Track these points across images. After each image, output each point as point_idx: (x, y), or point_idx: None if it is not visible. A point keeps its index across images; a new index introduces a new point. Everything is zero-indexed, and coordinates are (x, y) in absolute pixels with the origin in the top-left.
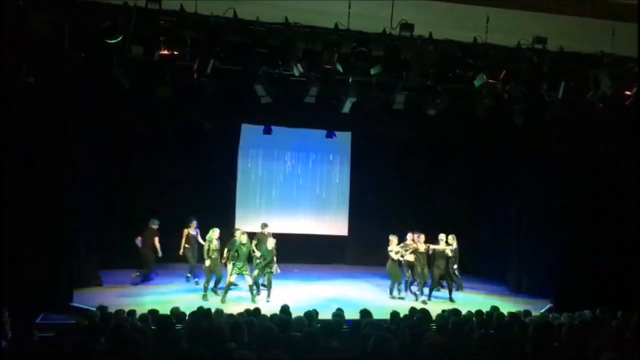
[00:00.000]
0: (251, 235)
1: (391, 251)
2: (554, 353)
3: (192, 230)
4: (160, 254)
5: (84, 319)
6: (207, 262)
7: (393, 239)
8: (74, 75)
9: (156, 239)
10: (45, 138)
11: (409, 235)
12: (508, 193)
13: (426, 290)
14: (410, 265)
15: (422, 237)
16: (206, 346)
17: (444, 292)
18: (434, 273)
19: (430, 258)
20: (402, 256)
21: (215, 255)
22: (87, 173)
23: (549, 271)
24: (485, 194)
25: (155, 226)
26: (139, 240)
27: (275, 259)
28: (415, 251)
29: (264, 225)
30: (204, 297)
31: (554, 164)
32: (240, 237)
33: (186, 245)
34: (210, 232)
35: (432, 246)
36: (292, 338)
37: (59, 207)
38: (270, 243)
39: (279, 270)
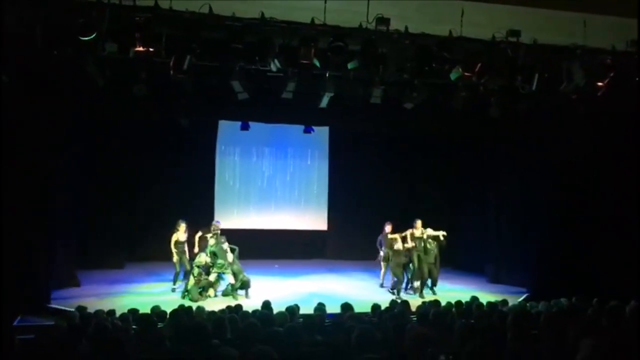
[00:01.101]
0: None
1: (398, 249)
2: (533, 340)
3: (182, 234)
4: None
5: (63, 320)
6: (175, 256)
7: (397, 237)
8: (48, 73)
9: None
10: (21, 137)
11: (387, 227)
12: (486, 185)
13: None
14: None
15: (419, 222)
16: (189, 344)
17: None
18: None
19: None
20: (404, 243)
21: (181, 248)
22: (63, 172)
23: (527, 261)
24: (463, 187)
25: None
26: None
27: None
28: (411, 236)
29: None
30: (174, 290)
31: (532, 155)
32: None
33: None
34: (177, 225)
35: (429, 232)
36: (275, 333)
37: (36, 207)
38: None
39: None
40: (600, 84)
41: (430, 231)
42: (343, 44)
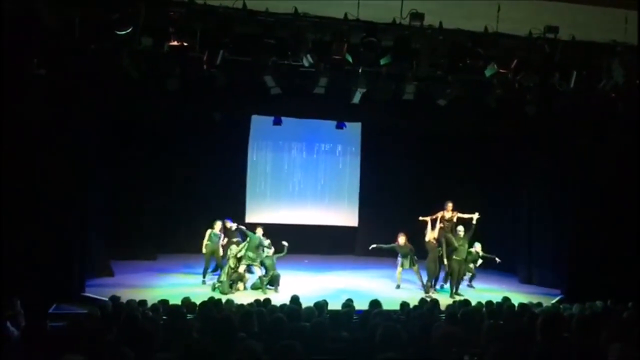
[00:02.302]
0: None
1: (428, 241)
2: (564, 343)
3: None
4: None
5: (96, 309)
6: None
7: (428, 219)
8: (84, 67)
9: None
10: (56, 130)
11: (401, 238)
12: (519, 184)
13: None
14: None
15: (450, 204)
16: (216, 336)
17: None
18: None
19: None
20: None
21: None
22: (97, 165)
23: (560, 262)
24: (495, 185)
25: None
26: None
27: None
28: (442, 218)
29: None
30: (204, 282)
31: (567, 154)
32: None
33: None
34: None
35: (459, 215)
36: (301, 328)
37: (70, 199)
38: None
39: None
40: None
41: (460, 215)
42: (376, 40)
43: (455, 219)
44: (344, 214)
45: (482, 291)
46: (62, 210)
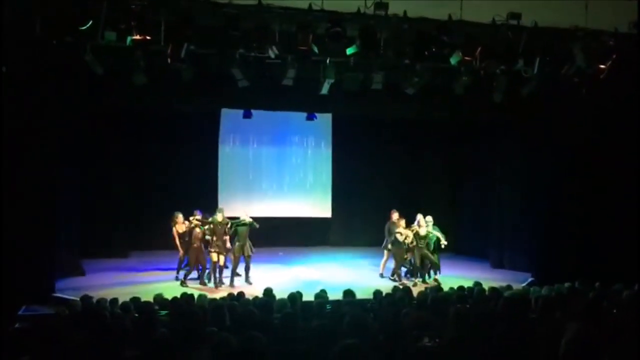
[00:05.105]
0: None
1: (398, 232)
2: (528, 324)
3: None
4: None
5: (64, 309)
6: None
7: (400, 221)
8: (47, 63)
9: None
10: (20, 128)
11: (394, 214)
12: (488, 169)
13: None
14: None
15: (422, 219)
16: (184, 330)
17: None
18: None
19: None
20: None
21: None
22: (65, 162)
23: (531, 245)
24: (466, 172)
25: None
26: None
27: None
28: (416, 235)
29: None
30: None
31: (534, 139)
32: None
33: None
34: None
35: (433, 230)
36: (271, 320)
37: (39, 198)
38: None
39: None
40: (602, 66)
41: (435, 232)
42: (341, 30)
43: (430, 235)
44: (317, 206)
45: (453, 278)
46: (30, 209)
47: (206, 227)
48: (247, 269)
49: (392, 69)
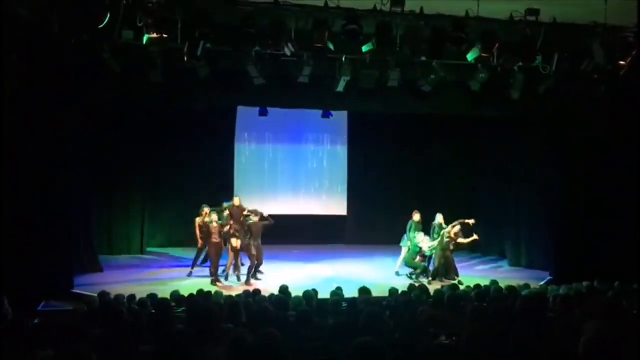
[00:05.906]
0: None
1: (422, 242)
2: (546, 323)
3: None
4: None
5: (82, 305)
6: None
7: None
8: (65, 61)
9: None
10: (38, 125)
11: (416, 215)
12: (506, 167)
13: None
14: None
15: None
16: (200, 327)
17: None
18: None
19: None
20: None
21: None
22: (82, 159)
23: (549, 244)
24: (483, 169)
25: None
26: None
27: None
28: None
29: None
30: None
31: (553, 136)
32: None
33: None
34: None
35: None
36: (287, 317)
37: (56, 195)
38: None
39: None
40: (622, 62)
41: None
42: (357, 27)
43: (457, 239)
44: (333, 203)
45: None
46: (49, 207)
47: (224, 214)
48: (249, 269)
49: (409, 66)
